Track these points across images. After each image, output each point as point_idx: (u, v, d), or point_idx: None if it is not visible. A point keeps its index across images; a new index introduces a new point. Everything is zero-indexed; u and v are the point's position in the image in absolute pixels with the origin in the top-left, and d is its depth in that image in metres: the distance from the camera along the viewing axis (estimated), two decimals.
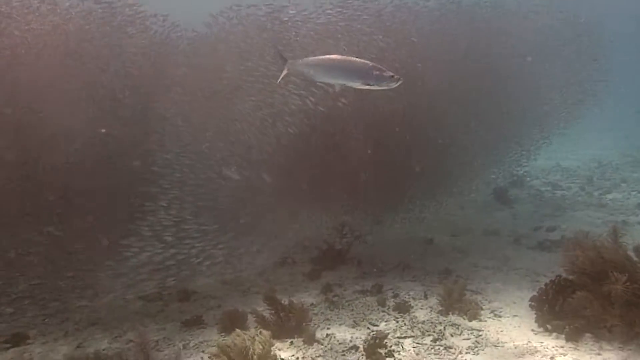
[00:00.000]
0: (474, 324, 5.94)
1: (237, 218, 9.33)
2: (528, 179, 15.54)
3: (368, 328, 6.03)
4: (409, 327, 5.94)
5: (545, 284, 5.73)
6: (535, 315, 5.72)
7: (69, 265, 6.15)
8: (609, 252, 5.15)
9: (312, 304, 6.79)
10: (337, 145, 8.87)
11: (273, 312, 5.89)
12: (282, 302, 5.93)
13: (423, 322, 6.03)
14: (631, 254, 5.23)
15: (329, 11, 8.47)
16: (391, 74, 5.27)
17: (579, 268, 5.39)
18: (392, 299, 6.82)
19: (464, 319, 6.06)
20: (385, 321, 6.19)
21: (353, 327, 6.07)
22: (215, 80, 7.85)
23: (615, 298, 4.80)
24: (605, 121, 28.49)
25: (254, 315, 5.98)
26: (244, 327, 6.05)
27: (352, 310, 6.61)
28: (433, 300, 6.68)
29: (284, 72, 5.77)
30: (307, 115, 8.27)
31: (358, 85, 5.38)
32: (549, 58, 11.54)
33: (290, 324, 5.79)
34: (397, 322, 6.12)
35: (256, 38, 8.08)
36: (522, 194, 13.61)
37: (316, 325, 6.04)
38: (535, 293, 5.92)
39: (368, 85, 5.31)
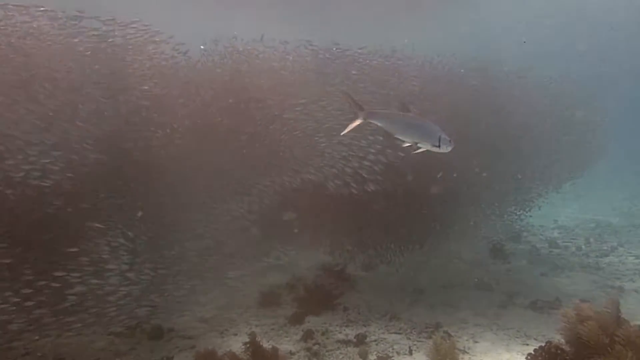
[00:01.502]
0: None
1: (222, 253, 9.16)
2: (525, 234, 15.31)
3: None
4: None
5: (535, 350, 5.43)
6: None
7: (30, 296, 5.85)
8: (611, 325, 4.85)
9: (290, 352, 6.46)
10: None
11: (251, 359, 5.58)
12: (264, 348, 5.63)
13: None
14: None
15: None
16: (449, 138, 5.55)
17: (575, 337, 5.10)
18: (375, 352, 6.50)
19: None
20: None
21: None
22: None
23: None
24: (605, 182, 28.55)
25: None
26: None
27: None
28: (418, 357, 6.38)
29: (358, 121, 5.62)
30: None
31: (427, 145, 5.57)
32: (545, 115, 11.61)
33: None
34: None
35: None
36: (519, 249, 13.34)
37: None
38: (524, 358, 5.62)
39: (435, 146, 5.53)
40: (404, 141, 5.71)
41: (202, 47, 8.52)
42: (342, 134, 6.25)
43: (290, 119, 8.07)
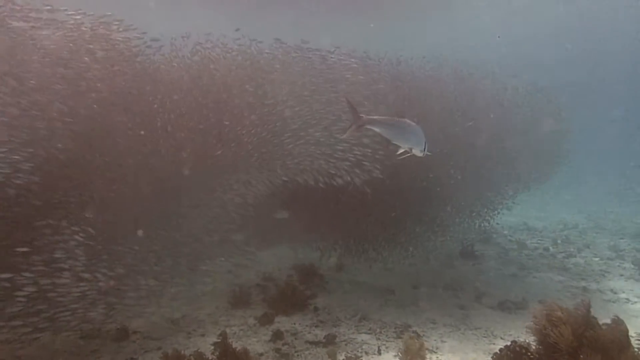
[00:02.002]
0: None
1: (194, 252, 9.03)
2: (495, 236, 15.58)
3: None
4: None
5: (500, 349, 5.51)
6: None
7: None
8: (580, 326, 4.89)
9: (259, 353, 6.39)
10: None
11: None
12: (234, 348, 5.55)
13: None
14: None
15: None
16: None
17: (544, 337, 5.15)
18: (344, 353, 6.48)
19: None
20: None
21: None
22: None
23: None
24: (573, 183, 29.37)
25: None
26: None
27: None
28: (387, 357, 6.39)
29: (353, 126, 5.70)
30: None
31: (417, 152, 5.78)
32: (514, 118, 11.88)
33: None
34: None
35: None
36: (488, 251, 13.57)
37: None
38: (490, 357, 5.69)
39: (421, 152, 5.77)
40: (398, 146, 5.84)
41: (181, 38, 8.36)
42: (342, 137, 6.23)
43: (258, 118, 8.01)
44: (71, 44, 6.58)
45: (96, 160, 6.65)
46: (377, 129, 5.78)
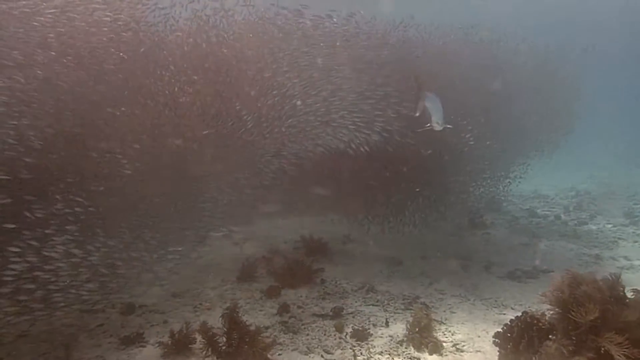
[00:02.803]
0: (434, 358, 5.55)
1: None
2: (505, 204, 15.35)
3: (322, 356, 5.60)
4: (365, 357, 5.53)
5: (511, 320, 5.37)
6: (498, 353, 5.35)
7: None
8: (606, 302, 4.57)
9: (264, 327, 6.31)
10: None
11: (226, 334, 5.40)
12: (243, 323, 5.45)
13: (381, 353, 5.63)
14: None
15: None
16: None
17: (564, 311, 4.89)
18: (351, 325, 6.39)
19: (424, 352, 5.67)
20: (341, 349, 5.77)
21: (306, 355, 5.64)
22: None
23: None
24: (585, 148, 28.83)
25: (203, 337, 5.49)
26: (190, 351, 5.60)
27: (308, 335, 6.17)
28: (394, 329, 6.29)
29: (422, 102, 6.15)
30: None
31: (437, 125, 6.17)
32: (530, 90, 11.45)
33: (243, 349, 5.31)
34: (353, 351, 5.70)
35: None
36: (498, 219, 13.37)
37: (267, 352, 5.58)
38: (500, 327, 5.56)
39: (441, 125, 6.16)
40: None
41: None
42: (415, 114, 6.41)
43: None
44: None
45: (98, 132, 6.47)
46: (428, 105, 6.16)
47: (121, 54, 6.79)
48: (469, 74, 9.88)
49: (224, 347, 5.31)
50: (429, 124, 6.24)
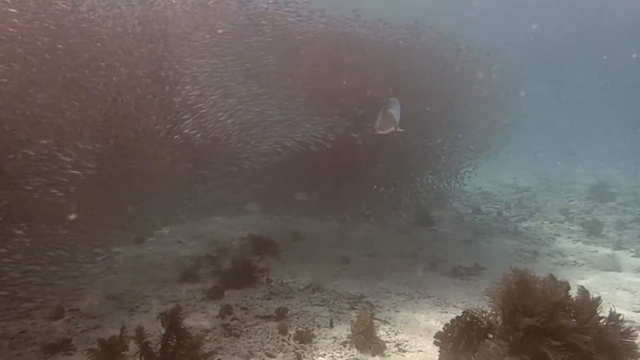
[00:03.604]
0: (377, 359, 5.52)
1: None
2: (450, 200, 15.68)
3: None
4: None
5: (452, 320, 5.41)
6: (439, 354, 5.38)
7: None
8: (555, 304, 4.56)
9: (206, 330, 6.08)
10: None
11: (162, 340, 5.12)
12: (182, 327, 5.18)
13: (324, 356, 5.54)
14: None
15: None
16: None
17: (505, 310, 4.92)
18: (295, 326, 6.27)
19: (367, 353, 5.63)
20: (284, 352, 5.64)
21: (247, 359, 5.46)
22: None
23: None
24: (526, 149, 30.07)
25: (137, 342, 5.18)
26: (122, 359, 5.28)
27: (250, 338, 5.99)
28: (338, 329, 6.22)
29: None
30: None
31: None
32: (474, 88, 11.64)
33: (180, 356, 5.05)
34: (296, 353, 5.58)
35: None
36: (444, 216, 13.65)
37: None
38: (442, 325, 5.60)
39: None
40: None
41: None
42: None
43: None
44: None
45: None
46: (392, 110, 6.30)
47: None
48: (414, 72, 9.94)
49: (158, 355, 5.05)
50: (384, 128, 6.22)
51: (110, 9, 7.14)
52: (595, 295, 4.58)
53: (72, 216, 6.38)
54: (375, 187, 10.73)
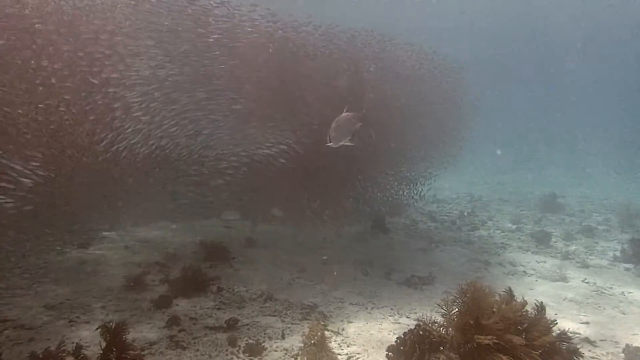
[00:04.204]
0: None
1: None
2: (406, 207, 15.86)
3: None
4: None
5: (404, 333, 5.38)
6: None
7: None
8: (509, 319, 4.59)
9: (149, 343, 5.80)
10: None
11: (102, 355, 4.81)
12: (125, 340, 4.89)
13: None
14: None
15: None
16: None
17: (457, 324, 4.92)
18: (246, 338, 6.08)
19: None
20: None
21: None
22: None
23: None
24: (481, 153, 30.98)
25: (74, 357, 4.87)
26: None
27: (198, 350, 5.76)
28: (290, 341, 6.08)
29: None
30: None
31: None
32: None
33: None
34: None
35: None
36: (400, 224, 13.76)
37: None
38: (395, 336, 5.56)
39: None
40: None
41: None
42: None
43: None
44: None
45: None
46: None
47: None
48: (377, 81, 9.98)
49: None
50: (335, 142, 6.28)
51: (45, 5, 6.70)
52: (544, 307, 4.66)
53: (5, 221, 5.95)
54: (332, 192, 10.71)
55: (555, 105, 53.34)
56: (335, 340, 6.15)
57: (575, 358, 4.42)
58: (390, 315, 7.23)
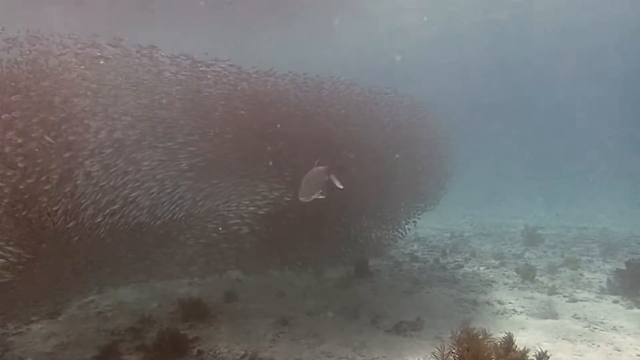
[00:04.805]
0: None
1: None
2: (388, 248, 15.65)
3: None
4: None
5: None
6: None
7: None
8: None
9: None
10: None
11: None
12: None
13: None
14: None
15: None
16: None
17: None
18: None
19: None
20: None
21: None
22: None
23: None
24: (459, 194, 31.25)
25: None
26: None
27: None
28: None
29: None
30: None
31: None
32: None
33: None
34: None
35: None
36: (382, 266, 13.51)
37: None
38: None
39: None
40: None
41: None
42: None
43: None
44: None
45: None
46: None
47: None
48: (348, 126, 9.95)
49: None
50: (306, 196, 6.28)
51: None
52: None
53: None
54: (311, 238, 10.47)
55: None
56: None
57: None
58: None
